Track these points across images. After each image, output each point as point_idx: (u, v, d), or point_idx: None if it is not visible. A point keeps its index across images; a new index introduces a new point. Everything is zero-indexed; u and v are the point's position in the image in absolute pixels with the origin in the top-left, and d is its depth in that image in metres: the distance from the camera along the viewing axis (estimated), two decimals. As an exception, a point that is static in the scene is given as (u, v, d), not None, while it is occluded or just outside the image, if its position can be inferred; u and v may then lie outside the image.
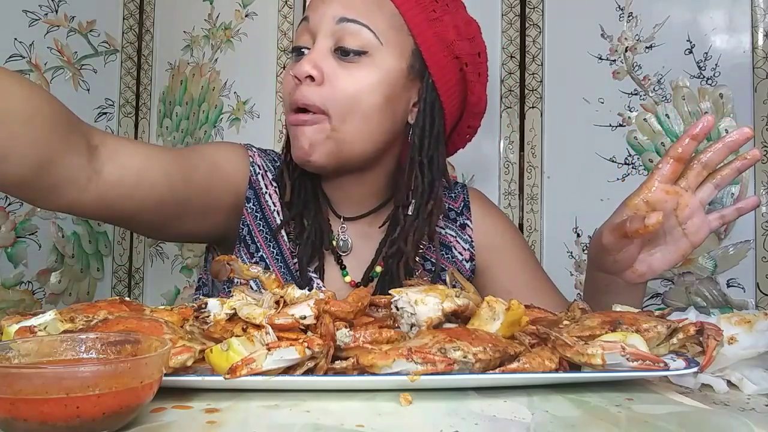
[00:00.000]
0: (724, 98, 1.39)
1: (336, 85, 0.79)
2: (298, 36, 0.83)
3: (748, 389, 0.60)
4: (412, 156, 0.87)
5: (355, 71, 0.79)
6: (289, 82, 0.82)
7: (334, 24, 0.79)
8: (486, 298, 0.65)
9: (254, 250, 0.92)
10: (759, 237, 1.35)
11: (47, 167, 0.68)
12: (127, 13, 1.75)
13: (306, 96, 0.79)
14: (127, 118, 1.74)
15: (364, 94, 0.80)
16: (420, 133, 0.86)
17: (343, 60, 0.79)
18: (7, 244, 1.48)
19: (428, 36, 0.83)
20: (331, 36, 0.79)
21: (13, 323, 0.61)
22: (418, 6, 0.83)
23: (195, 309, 0.63)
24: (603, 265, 0.86)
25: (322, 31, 0.79)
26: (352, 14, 0.79)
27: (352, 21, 0.78)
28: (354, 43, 0.78)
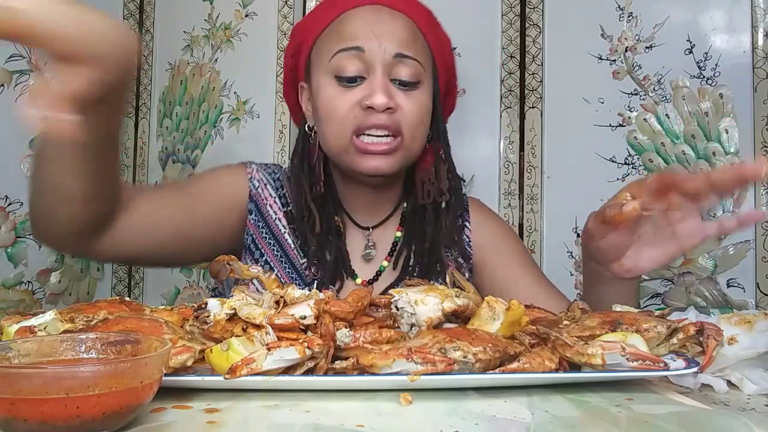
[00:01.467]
0: (724, 98, 1.39)
1: (406, 111, 0.90)
2: (345, 64, 0.89)
3: (748, 389, 0.60)
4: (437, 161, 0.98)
5: (415, 97, 0.91)
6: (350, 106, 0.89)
7: (391, 58, 0.89)
8: (486, 298, 0.65)
9: (258, 256, 0.98)
10: (759, 237, 1.35)
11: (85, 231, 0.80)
12: (127, 13, 1.75)
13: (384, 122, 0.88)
14: (127, 118, 1.74)
15: (423, 115, 0.93)
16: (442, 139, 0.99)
17: (403, 89, 0.90)
18: (7, 244, 1.48)
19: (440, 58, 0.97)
20: (387, 67, 0.89)
21: (13, 323, 0.61)
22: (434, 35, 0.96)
23: (195, 309, 0.63)
24: (590, 252, 0.87)
25: (380, 64, 0.89)
26: (406, 50, 0.90)
27: (409, 57, 0.89)
28: (410, 75, 0.90)
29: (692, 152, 1.41)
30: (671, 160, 1.43)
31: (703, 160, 1.40)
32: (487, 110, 1.54)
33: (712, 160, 1.40)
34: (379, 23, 0.90)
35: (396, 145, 0.90)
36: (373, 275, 0.98)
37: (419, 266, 0.97)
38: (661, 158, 1.43)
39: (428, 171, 0.98)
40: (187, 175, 1.68)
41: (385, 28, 0.89)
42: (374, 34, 0.88)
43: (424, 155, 0.98)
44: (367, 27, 0.89)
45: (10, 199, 1.48)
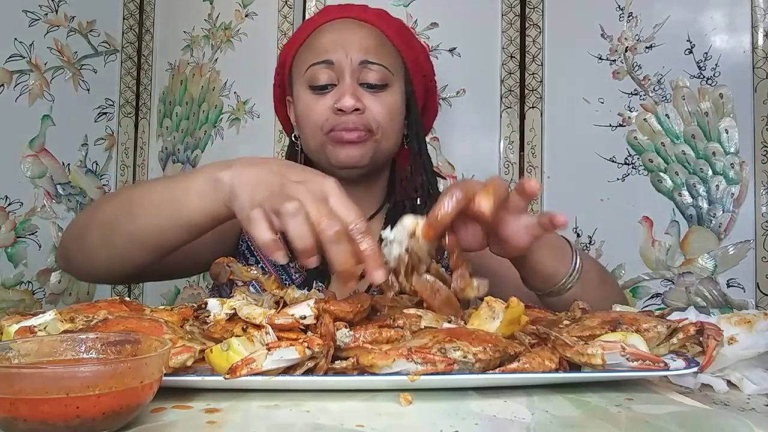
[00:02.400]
0: (724, 98, 1.39)
1: (374, 111, 0.97)
2: (317, 75, 0.97)
3: (748, 389, 0.60)
4: (414, 159, 1.04)
5: (383, 98, 0.98)
6: (322, 111, 0.97)
7: (357, 65, 0.96)
8: (486, 298, 0.65)
9: (253, 262, 1.03)
10: (759, 237, 1.35)
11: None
12: (127, 13, 1.75)
13: (354, 123, 0.95)
14: (127, 118, 1.74)
15: (393, 114, 0.99)
16: (416, 139, 1.04)
17: (371, 91, 0.97)
18: (7, 244, 1.48)
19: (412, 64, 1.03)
20: (354, 73, 0.96)
21: (13, 323, 0.61)
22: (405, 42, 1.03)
23: (195, 309, 0.63)
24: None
25: (348, 71, 0.96)
26: (372, 57, 0.97)
27: (374, 63, 0.97)
28: (377, 79, 0.97)
29: (692, 152, 1.41)
30: (671, 160, 1.43)
31: (703, 160, 1.40)
32: (487, 110, 1.54)
33: (712, 160, 1.40)
34: (346, 34, 0.98)
35: (367, 136, 0.96)
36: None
37: None
38: (661, 158, 1.43)
39: (404, 170, 1.05)
40: (187, 175, 1.67)
41: (352, 39, 0.98)
42: (341, 45, 0.97)
43: (402, 155, 1.05)
44: (335, 39, 0.98)
45: (10, 199, 1.48)
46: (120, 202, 0.82)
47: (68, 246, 0.89)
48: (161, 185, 0.79)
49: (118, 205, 0.81)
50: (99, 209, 0.85)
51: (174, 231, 0.76)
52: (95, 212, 0.85)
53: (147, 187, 0.82)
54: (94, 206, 0.90)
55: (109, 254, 0.82)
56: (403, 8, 1.55)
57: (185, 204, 0.73)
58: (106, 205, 0.84)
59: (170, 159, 1.72)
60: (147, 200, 0.78)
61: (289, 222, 0.61)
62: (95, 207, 0.89)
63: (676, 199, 1.42)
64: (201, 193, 0.72)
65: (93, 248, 0.83)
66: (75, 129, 1.64)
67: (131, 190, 0.85)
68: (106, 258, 0.82)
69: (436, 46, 1.55)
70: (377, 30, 1.00)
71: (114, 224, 0.80)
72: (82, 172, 1.65)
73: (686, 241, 1.41)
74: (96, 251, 0.83)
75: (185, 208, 0.73)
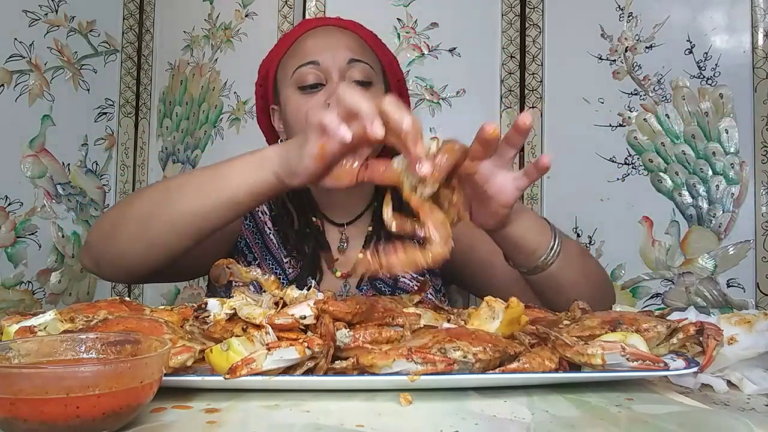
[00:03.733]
0: (724, 98, 1.39)
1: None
2: (304, 76, 1.00)
3: (748, 389, 0.60)
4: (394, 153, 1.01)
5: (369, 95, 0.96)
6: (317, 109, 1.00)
7: (345, 64, 1.00)
8: (485, 298, 0.65)
9: (252, 259, 1.06)
10: (759, 237, 1.35)
11: None
12: (127, 13, 1.75)
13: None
14: (127, 118, 1.74)
15: None
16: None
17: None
18: (7, 244, 1.48)
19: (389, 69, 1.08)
20: (342, 72, 1.00)
21: (13, 323, 0.61)
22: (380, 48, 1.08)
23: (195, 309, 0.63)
24: None
25: (336, 70, 0.99)
26: (357, 56, 1.01)
27: (359, 61, 1.01)
28: (364, 76, 1.00)
29: (692, 152, 1.41)
30: (671, 160, 1.43)
31: (703, 160, 1.40)
32: (487, 110, 1.54)
33: (712, 159, 1.40)
34: (329, 38, 1.03)
35: None
36: (350, 268, 1.04)
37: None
38: (661, 158, 1.43)
39: None
40: (187, 175, 1.68)
41: (336, 42, 1.03)
42: (327, 48, 1.01)
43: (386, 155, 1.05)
44: (319, 43, 1.02)
45: (10, 199, 1.48)
46: (157, 192, 0.85)
47: (97, 245, 0.90)
48: (201, 171, 0.83)
49: (155, 195, 0.85)
50: (132, 204, 0.88)
51: (216, 212, 0.79)
52: (128, 208, 0.88)
53: (186, 175, 0.87)
54: (125, 203, 0.93)
55: (146, 245, 0.83)
56: (403, 8, 1.55)
57: (229, 182, 0.78)
58: (139, 199, 0.87)
59: (170, 159, 1.72)
60: (188, 185, 0.81)
61: (352, 96, 0.66)
62: (127, 203, 0.91)
63: (676, 199, 1.42)
64: (244, 169, 0.77)
65: (127, 242, 0.84)
66: (75, 129, 1.64)
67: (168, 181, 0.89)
68: (142, 249, 0.83)
69: (436, 46, 1.55)
70: (356, 34, 1.06)
71: (152, 214, 0.82)
72: (82, 172, 1.65)
73: (686, 241, 1.41)
74: (131, 245, 0.84)
75: (229, 186, 0.78)
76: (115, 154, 1.73)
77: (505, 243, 0.83)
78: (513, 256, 0.84)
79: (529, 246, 0.82)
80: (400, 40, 1.55)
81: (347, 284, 1.03)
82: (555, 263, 0.83)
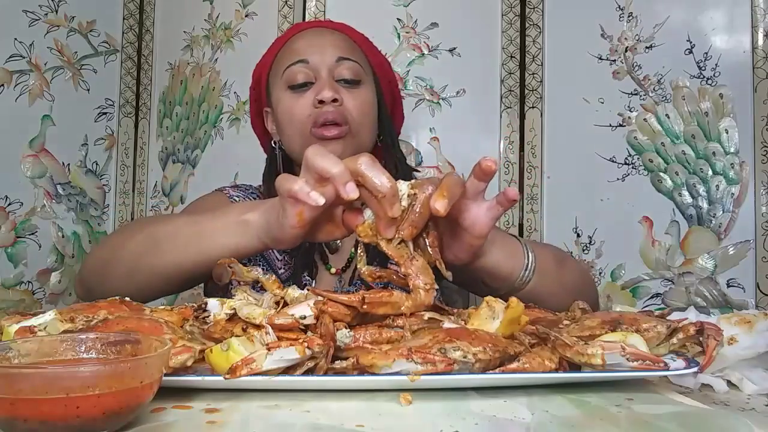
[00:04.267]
0: (724, 98, 1.39)
1: (350, 106, 1.02)
2: (294, 75, 1.02)
3: (748, 389, 0.60)
4: (386, 153, 1.09)
5: (358, 93, 1.04)
6: (304, 107, 1.02)
7: (334, 62, 1.02)
8: (485, 298, 0.65)
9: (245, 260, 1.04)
10: (759, 237, 1.35)
11: None
12: (127, 13, 1.75)
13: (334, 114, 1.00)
14: (127, 118, 1.74)
15: (367, 108, 1.05)
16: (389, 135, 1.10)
17: (347, 87, 1.03)
18: (7, 244, 1.48)
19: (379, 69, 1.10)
20: (331, 70, 1.02)
21: (13, 323, 0.61)
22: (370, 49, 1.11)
23: (195, 309, 0.63)
24: None
25: (325, 68, 1.02)
26: (346, 54, 1.04)
27: (348, 59, 1.03)
28: (352, 74, 1.03)
29: (692, 152, 1.41)
30: (671, 160, 1.43)
31: (703, 160, 1.40)
32: (487, 110, 1.54)
33: (712, 160, 1.40)
34: (320, 38, 1.06)
35: (344, 131, 1.01)
36: (345, 263, 1.05)
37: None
38: (661, 158, 1.43)
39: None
40: (187, 175, 1.68)
41: (325, 41, 1.05)
42: (316, 47, 1.04)
43: (377, 153, 1.09)
44: (309, 43, 1.05)
45: (10, 199, 1.48)
46: (144, 239, 0.86)
47: (90, 279, 0.93)
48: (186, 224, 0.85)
49: (142, 242, 0.86)
50: (122, 246, 0.88)
51: (199, 266, 0.82)
52: (118, 249, 0.89)
53: (172, 225, 0.86)
54: (115, 241, 0.93)
55: (136, 288, 0.85)
56: (403, 8, 1.55)
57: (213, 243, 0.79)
58: (129, 242, 0.88)
59: (170, 159, 1.72)
60: (173, 238, 0.83)
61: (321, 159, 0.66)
62: (117, 243, 0.92)
63: (676, 199, 1.42)
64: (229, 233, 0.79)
65: (117, 283, 0.86)
66: (75, 129, 1.64)
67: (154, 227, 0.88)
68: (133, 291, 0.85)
69: (436, 46, 1.55)
70: (345, 35, 1.08)
71: (140, 261, 0.85)
72: (82, 172, 1.65)
73: (686, 241, 1.41)
74: (120, 286, 0.85)
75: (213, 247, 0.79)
76: (115, 154, 1.73)
77: (479, 273, 0.83)
78: (488, 283, 0.84)
79: (503, 272, 0.83)
80: (400, 40, 1.55)
81: (341, 279, 1.03)
82: (531, 281, 0.83)
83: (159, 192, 1.72)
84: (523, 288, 0.84)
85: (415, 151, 1.55)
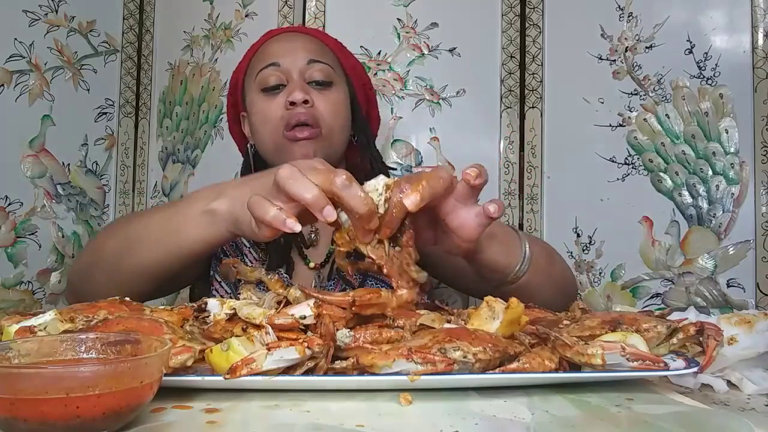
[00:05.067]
0: (724, 98, 1.38)
1: (321, 107, 1.03)
2: (266, 78, 1.04)
3: (748, 389, 0.60)
4: (363, 152, 1.11)
5: (329, 95, 1.05)
6: (276, 109, 1.03)
7: (305, 64, 1.04)
8: (485, 298, 0.65)
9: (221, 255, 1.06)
10: (759, 237, 1.35)
11: None
12: (127, 13, 1.75)
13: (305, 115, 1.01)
14: (127, 118, 1.74)
15: (338, 109, 1.06)
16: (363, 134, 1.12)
17: (318, 88, 1.04)
18: (7, 244, 1.48)
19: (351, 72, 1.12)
20: (302, 72, 1.04)
21: (13, 323, 0.61)
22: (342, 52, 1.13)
23: (195, 309, 0.63)
24: None
25: (296, 71, 1.04)
26: (317, 57, 1.06)
27: (318, 61, 1.05)
28: (323, 76, 1.05)
29: (692, 152, 1.41)
30: (671, 160, 1.43)
31: (703, 160, 1.40)
32: (487, 110, 1.54)
33: (712, 160, 1.40)
34: (292, 42, 1.08)
35: (316, 132, 1.02)
36: (323, 258, 1.06)
37: None
38: (661, 158, 1.43)
39: (355, 163, 1.12)
40: (187, 175, 1.68)
41: (297, 44, 1.07)
42: (288, 51, 1.06)
43: (353, 152, 1.12)
44: (281, 47, 1.07)
45: (10, 199, 1.48)
46: (120, 240, 0.87)
47: (76, 284, 0.93)
48: (156, 219, 0.85)
49: (118, 243, 0.86)
50: (100, 247, 0.89)
51: (175, 261, 0.83)
52: (98, 250, 0.90)
53: (144, 222, 0.87)
54: (96, 244, 0.94)
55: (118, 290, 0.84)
56: (403, 8, 1.55)
57: (184, 238, 0.80)
58: (106, 243, 0.89)
59: (170, 159, 1.71)
60: (145, 236, 0.84)
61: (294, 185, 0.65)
62: (97, 245, 0.92)
63: (676, 199, 1.42)
64: (198, 225, 0.79)
65: (100, 286, 0.86)
66: (75, 129, 1.63)
67: (128, 225, 0.89)
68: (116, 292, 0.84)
69: (436, 46, 1.55)
70: (318, 39, 1.11)
71: (117, 261, 0.85)
72: (82, 172, 1.65)
73: (686, 241, 1.41)
74: (104, 288, 0.85)
75: (184, 241, 0.81)
76: (115, 154, 1.73)
77: (474, 267, 0.83)
78: (484, 275, 0.84)
79: (500, 265, 0.83)
80: (400, 40, 1.55)
81: (320, 275, 1.04)
82: (525, 274, 0.84)
83: (159, 192, 1.72)
84: (516, 281, 0.83)
85: (415, 151, 1.55)
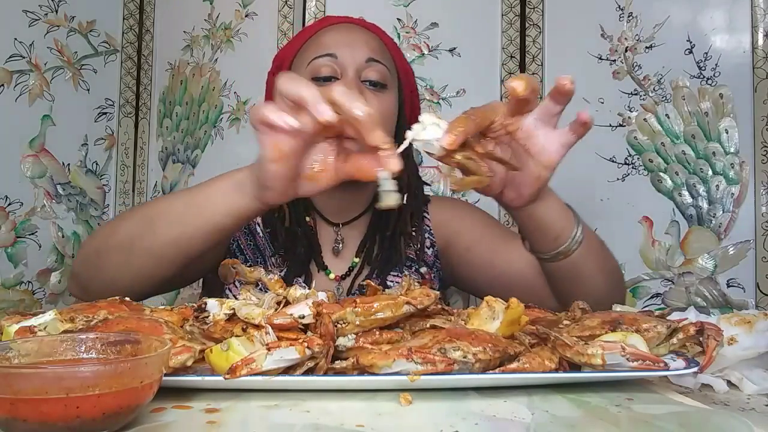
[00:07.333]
0: (724, 98, 1.39)
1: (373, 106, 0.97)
2: (320, 68, 0.97)
3: (748, 389, 0.60)
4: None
5: (382, 97, 0.99)
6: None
7: (363, 62, 0.97)
8: (485, 298, 0.65)
9: (243, 261, 1.02)
10: (759, 237, 1.35)
11: None
12: (127, 13, 1.75)
13: None
14: (127, 118, 1.75)
15: (387, 115, 1.00)
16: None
17: (371, 89, 0.98)
18: (7, 244, 1.48)
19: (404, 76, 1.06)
20: (358, 70, 0.97)
21: (13, 323, 0.61)
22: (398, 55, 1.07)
23: (195, 309, 0.63)
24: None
25: (352, 67, 0.97)
26: (376, 56, 0.98)
27: (377, 61, 0.98)
28: (379, 77, 0.98)
29: (692, 152, 1.41)
30: (671, 160, 1.43)
31: (703, 160, 1.40)
32: (487, 110, 1.54)
33: (712, 160, 1.40)
34: (351, 35, 1.01)
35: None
36: (345, 271, 1.02)
37: (381, 255, 1.02)
38: (661, 158, 1.43)
39: None
40: (187, 175, 1.68)
41: (357, 38, 1.00)
42: (347, 43, 0.98)
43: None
44: (340, 38, 1.00)
45: (10, 199, 1.48)
46: (137, 221, 0.82)
47: (83, 273, 0.88)
48: (179, 197, 0.82)
49: (135, 224, 0.82)
50: (114, 232, 0.85)
51: (199, 239, 0.78)
52: (110, 235, 0.85)
53: (165, 202, 0.84)
54: (107, 230, 0.90)
55: (132, 275, 0.82)
56: (403, 8, 1.55)
57: (208, 208, 0.76)
58: (121, 227, 0.84)
59: (170, 159, 1.72)
60: (167, 213, 0.79)
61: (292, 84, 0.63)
62: (108, 230, 0.88)
63: (676, 199, 1.42)
64: (226, 195, 0.75)
65: (113, 272, 0.83)
66: (75, 129, 1.64)
67: (147, 208, 0.86)
68: (128, 280, 0.82)
69: (436, 46, 1.55)
70: (379, 37, 1.04)
71: (134, 243, 0.80)
72: (82, 172, 1.65)
73: (686, 241, 1.41)
74: (116, 275, 0.82)
75: (209, 211, 0.76)
76: (115, 154, 1.73)
77: (530, 222, 0.81)
78: (535, 239, 0.83)
79: (552, 229, 0.81)
80: (400, 40, 1.55)
81: (340, 287, 1.01)
82: (577, 251, 0.82)
83: (159, 192, 1.72)
84: (567, 256, 0.82)
85: (415, 152, 1.55)
